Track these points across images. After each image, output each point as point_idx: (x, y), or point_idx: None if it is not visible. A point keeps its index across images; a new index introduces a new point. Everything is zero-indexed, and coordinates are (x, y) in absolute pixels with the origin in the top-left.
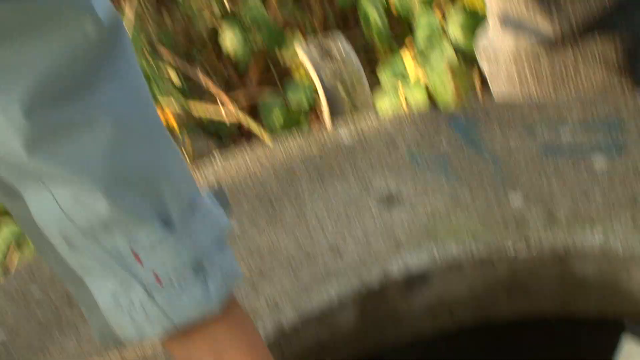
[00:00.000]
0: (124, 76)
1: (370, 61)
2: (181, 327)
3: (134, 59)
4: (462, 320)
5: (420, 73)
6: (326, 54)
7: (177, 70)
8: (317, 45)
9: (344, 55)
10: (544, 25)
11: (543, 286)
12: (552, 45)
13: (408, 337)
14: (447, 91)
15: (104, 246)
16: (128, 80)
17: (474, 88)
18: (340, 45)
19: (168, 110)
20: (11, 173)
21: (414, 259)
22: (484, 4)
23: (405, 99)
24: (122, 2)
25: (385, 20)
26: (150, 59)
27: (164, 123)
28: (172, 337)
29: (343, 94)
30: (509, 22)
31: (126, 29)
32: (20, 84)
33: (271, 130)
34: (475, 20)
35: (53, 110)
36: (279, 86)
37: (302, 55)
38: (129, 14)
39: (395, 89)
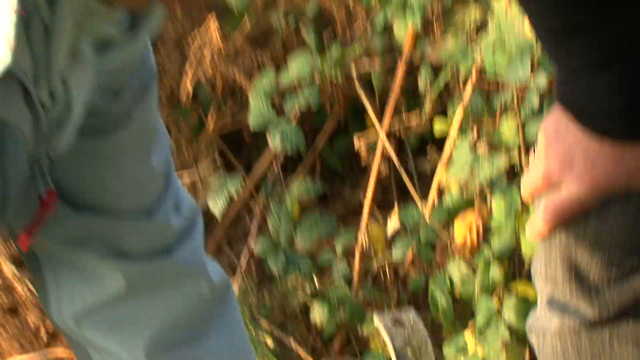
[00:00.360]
0: (230, 328)
1: (437, 339)
2: None
3: (238, 314)
4: None
5: (479, 349)
6: (398, 322)
7: (273, 337)
8: (391, 315)
9: (413, 324)
10: (585, 308)
11: None
12: (591, 325)
13: None
14: None
15: None
16: (233, 331)
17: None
18: (411, 316)
19: None
20: None
21: None
22: (535, 292)
23: None
24: (230, 280)
25: (451, 303)
26: (250, 327)
27: None
28: None
29: (411, 356)
30: (555, 304)
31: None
32: (146, 332)
33: None
34: (527, 306)
35: (169, 354)
36: (358, 355)
37: (377, 322)
38: (234, 289)
39: None
